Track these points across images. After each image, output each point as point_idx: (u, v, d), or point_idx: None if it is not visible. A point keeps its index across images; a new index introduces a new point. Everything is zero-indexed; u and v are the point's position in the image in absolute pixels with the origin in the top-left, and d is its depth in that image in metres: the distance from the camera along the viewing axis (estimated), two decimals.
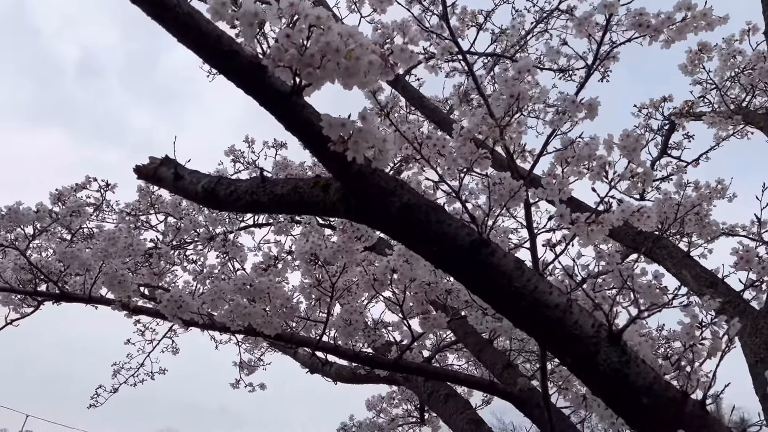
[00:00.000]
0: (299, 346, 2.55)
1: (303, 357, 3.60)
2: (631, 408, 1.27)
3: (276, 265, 2.39)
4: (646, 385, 1.26)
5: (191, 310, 2.33)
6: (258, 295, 2.15)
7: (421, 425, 4.78)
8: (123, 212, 2.60)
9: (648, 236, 2.48)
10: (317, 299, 2.28)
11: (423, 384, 2.91)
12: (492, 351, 2.59)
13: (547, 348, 1.37)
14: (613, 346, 1.29)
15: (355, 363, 2.71)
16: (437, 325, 2.10)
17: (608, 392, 1.29)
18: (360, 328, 2.28)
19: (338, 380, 3.41)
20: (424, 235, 1.35)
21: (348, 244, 2.09)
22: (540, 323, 1.32)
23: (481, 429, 2.56)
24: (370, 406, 4.75)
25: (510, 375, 2.43)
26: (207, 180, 1.56)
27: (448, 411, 2.73)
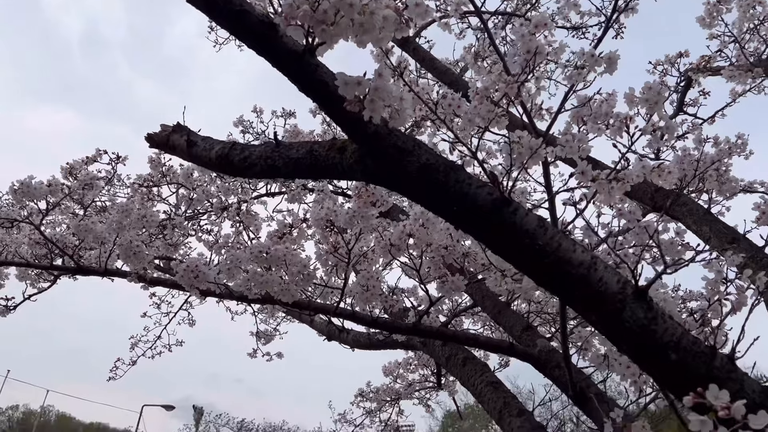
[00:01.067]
0: (317, 313, 2.55)
1: (320, 325, 3.61)
2: (659, 364, 1.25)
3: (291, 232, 2.38)
4: (674, 340, 1.24)
5: (208, 279, 2.32)
6: (274, 262, 2.14)
7: (437, 389, 4.81)
8: (135, 184, 2.58)
9: (667, 194, 2.43)
10: (334, 266, 2.27)
11: (440, 348, 2.92)
12: (510, 314, 2.58)
13: (572, 306, 1.35)
14: (639, 302, 1.26)
15: (374, 328, 2.71)
16: (455, 288, 2.09)
17: (635, 349, 1.27)
18: (377, 293, 2.27)
19: (355, 347, 3.42)
20: (443, 196, 1.33)
21: (363, 209, 2.07)
22: (564, 281, 1.30)
23: (500, 390, 2.56)
24: (386, 372, 4.79)
25: (529, 337, 2.42)
26: (220, 146, 1.54)
27: (466, 374, 2.73)
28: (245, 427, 16.39)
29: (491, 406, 2.56)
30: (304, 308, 2.41)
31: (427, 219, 2.17)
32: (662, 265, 1.39)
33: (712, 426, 1.04)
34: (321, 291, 2.45)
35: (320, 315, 3.58)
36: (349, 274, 2.24)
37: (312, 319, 3.61)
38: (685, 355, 1.24)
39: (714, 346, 1.25)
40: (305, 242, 2.68)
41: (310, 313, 2.63)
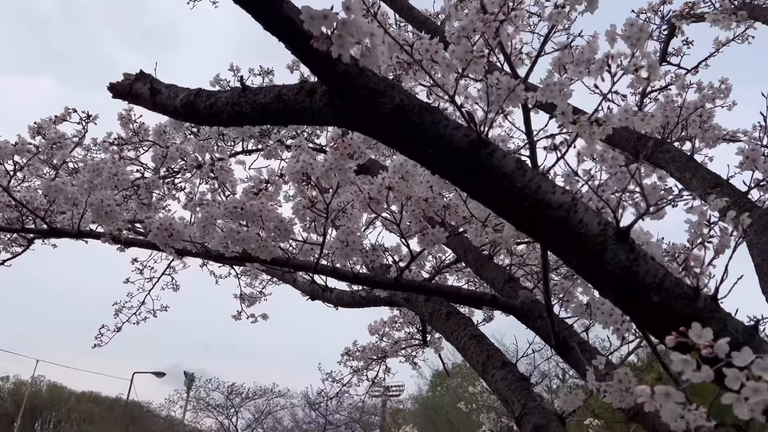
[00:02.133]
0: (297, 270, 2.51)
1: (303, 284, 3.57)
2: (641, 307, 1.22)
3: (267, 188, 2.32)
4: (656, 282, 1.21)
5: (183, 238, 2.27)
6: (250, 218, 2.09)
7: (423, 347, 4.83)
8: (105, 142, 2.50)
9: (650, 141, 2.39)
10: (312, 221, 2.22)
11: (424, 304, 2.89)
12: (493, 266, 2.56)
13: (552, 250, 1.31)
14: (621, 243, 1.23)
15: (355, 284, 2.68)
16: (435, 240, 2.05)
17: (616, 291, 1.24)
18: (357, 248, 2.23)
19: (339, 305, 3.39)
20: (418, 138, 1.27)
21: (340, 161, 2.01)
22: (544, 224, 1.26)
23: (483, 343, 2.55)
24: (372, 330, 4.79)
25: (512, 289, 2.40)
26: (185, 93, 1.46)
27: (450, 328, 2.71)
28: (235, 391, 16.52)
29: (475, 360, 2.55)
30: (283, 265, 2.36)
31: (406, 171, 2.12)
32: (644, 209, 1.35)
33: (695, 365, 1.02)
34: (300, 247, 2.40)
35: (302, 275, 3.55)
36: (328, 230, 2.19)
37: (295, 279, 3.57)
38: (667, 296, 1.21)
39: (697, 287, 1.23)
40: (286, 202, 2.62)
41: (291, 270, 2.59)
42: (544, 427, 2.20)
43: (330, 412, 12.89)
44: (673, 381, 1.95)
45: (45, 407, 39.71)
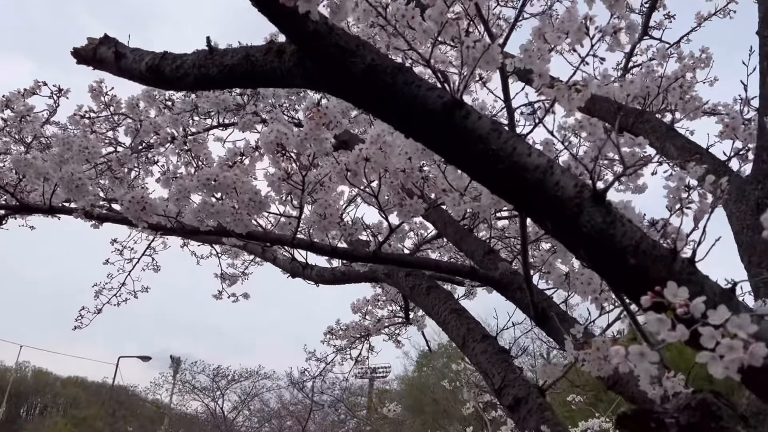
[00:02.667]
0: (274, 245, 2.47)
1: (283, 262, 3.54)
2: (618, 270, 1.20)
3: (243, 161, 2.27)
4: (633, 244, 1.19)
5: (156, 212, 2.22)
6: (224, 190, 2.05)
7: (406, 324, 4.82)
8: (76, 115, 2.43)
9: (630, 111, 2.37)
10: (288, 194, 2.18)
11: (405, 279, 2.87)
12: (472, 239, 2.53)
13: (529, 214, 1.29)
14: (597, 206, 1.20)
15: (333, 258, 2.65)
16: (414, 211, 2.02)
17: (593, 255, 1.22)
18: (335, 221, 2.19)
19: (320, 282, 3.36)
20: (390, 99, 1.23)
21: (315, 131, 1.97)
22: (519, 187, 1.23)
23: (464, 317, 2.53)
24: (355, 309, 4.77)
25: (491, 261, 2.38)
26: (150, 57, 1.41)
27: (430, 303, 2.69)
28: (221, 373, 16.50)
29: (455, 333, 2.54)
30: (259, 240, 2.32)
31: (384, 142, 2.08)
32: (622, 171, 1.33)
33: (670, 325, 1.00)
34: (277, 221, 2.36)
35: (283, 252, 3.51)
36: (305, 202, 2.16)
37: (275, 257, 3.54)
38: (644, 258, 1.19)
39: (674, 249, 1.21)
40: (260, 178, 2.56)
41: (268, 245, 2.55)
42: (524, 398, 2.20)
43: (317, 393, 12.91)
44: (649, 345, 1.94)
45: (30, 393, 39.54)
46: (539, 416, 2.12)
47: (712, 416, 1.40)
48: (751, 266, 1.82)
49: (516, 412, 2.20)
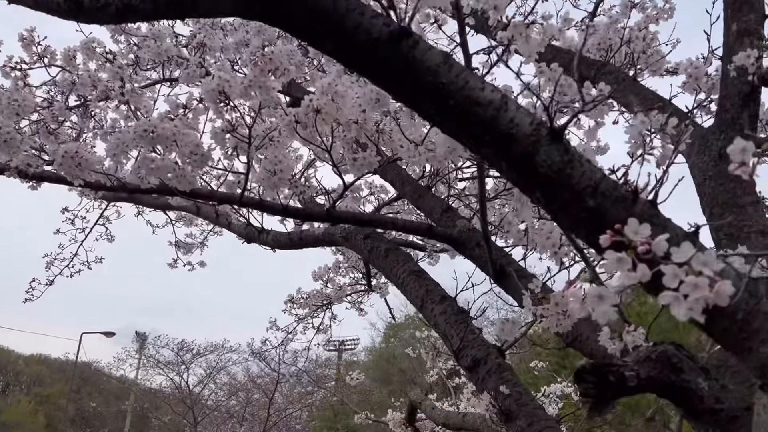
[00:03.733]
0: (221, 203, 2.35)
1: (238, 227, 3.41)
2: (576, 212, 1.12)
3: (186, 114, 2.13)
4: (592, 185, 1.11)
5: (92, 168, 2.07)
6: (164, 143, 1.91)
7: (369, 292, 4.75)
8: (6, 67, 2.25)
9: (592, 63, 2.30)
10: (234, 149, 2.05)
11: (363, 242, 2.77)
12: (430, 197, 2.44)
13: (482, 155, 1.19)
14: (555, 144, 1.11)
15: (285, 217, 2.54)
16: (367, 164, 1.91)
17: (549, 197, 1.13)
18: (286, 178, 2.08)
19: (276, 247, 3.25)
20: (332, 28, 1.12)
21: (261, 78, 1.84)
22: (472, 124, 1.13)
23: (423, 278, 2.45)
24: (316, 276, 4.67)
25: (449, 218, 2.30)
26: None
27: (389, 265, 2.61)
28: (185, 347, 16.32)
29: (413, 295, 2.46)
30: (205, 198, 2.20)
31: (335, 92, 1.97)
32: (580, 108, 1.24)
33: (631, 264, 0.92)
34: (224, 179, 2.24)
35: (238, 217, 3.38)
36: (252, 157, 2.03)
37: (229, 223, 3.41)
38: (603, 200, 1.11)
39: (636, 190, 1.13)
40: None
41: (214, 204, 2.42)
42: (482, 359, 2.13)
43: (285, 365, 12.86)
44: None
45: None
46: (498, 376, 2.06)
47: (673, 369, 1.34)
48: (713, 218, 1.77)
49: (475, 373, 2.14)
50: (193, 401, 15.47)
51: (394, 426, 4.45)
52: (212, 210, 3.49)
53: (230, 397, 17.52)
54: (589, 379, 1.26)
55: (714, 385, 1.33)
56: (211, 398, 17.54)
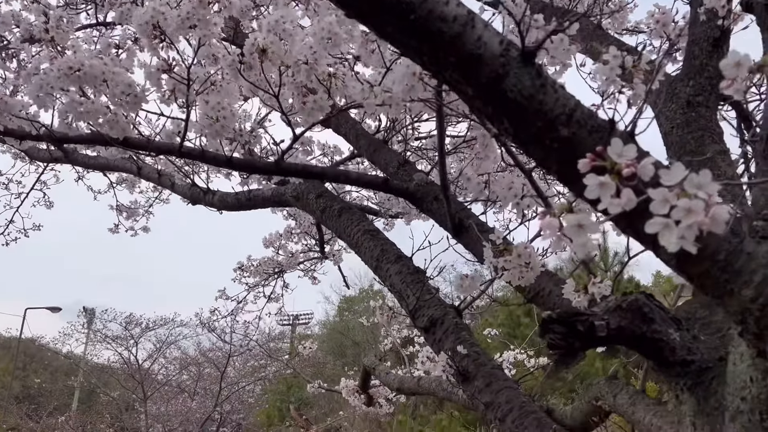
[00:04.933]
0: (158, 154, 2.17)
1: (182, 188, 3.22)
2: (548, 143, 1.01)
3: (118, 54, 1.94)
4: (566, 113, 1.00)
5: (13, 112, 1.88)
6: (92, 82, 1.72)
7: (322, 259, 4.62)
8: None
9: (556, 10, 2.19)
10: (172, 91, 1.88)
11: (315, 201, 2.63)
12: (386, 151, 2.32)
13: (446, 81, 1.07)
14: (526, 67, 1.00)
15: (229, 168, 2.37)
16: (318, 108, 1.77)
17: (519, 125, 1.02)
18: (230, 126, 1.92)
19: (223, 208, 3.08)
20: None
21: (198, 10, 1.67)
22: (435, 43, 1.01)
23: (378, 237, 2.34)
24: (267, 243, 4.51)
25: (406, 172, 2.18)
26: None
27: (342, 225, 2.48)
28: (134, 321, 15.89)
29: (368, 255, 2.34)
30: (141, 148, 2.02)
31: (283, 30, 1.81)
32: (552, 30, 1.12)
33: (614, 190, 0.82)
34: (162, 127, 2.06)
35: (181, 177, 3.19)
36: (193, 101, 1.87)
37: (173, 183, 3.21)
38: (578, 129, 1.00)
39: (612, 120, 1.02)
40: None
41: (152, 155, 2.25)
42: (439, 319, 2.04)
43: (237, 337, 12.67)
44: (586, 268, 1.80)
45: None
46: (456, 336, 1.97)
47: (643, 319, 1.26)
48: None
49: (431, 334, 2.04)
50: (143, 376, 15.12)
51: (347, 394, 4.37)
52: (154, 170, 3.29)
53: (181, 372, 17.22)
54: (556, 329, 1.16)
55: (686, 336, 1.26)
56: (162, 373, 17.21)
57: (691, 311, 1.45)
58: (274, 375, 17.77)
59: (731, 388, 1.12)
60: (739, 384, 1.09)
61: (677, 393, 1.24)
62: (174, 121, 2.10)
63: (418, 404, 14.19)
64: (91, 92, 1.83)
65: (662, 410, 1.48)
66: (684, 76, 1.78)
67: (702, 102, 1.71)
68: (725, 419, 1.13)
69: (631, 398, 1.56)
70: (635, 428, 1.55)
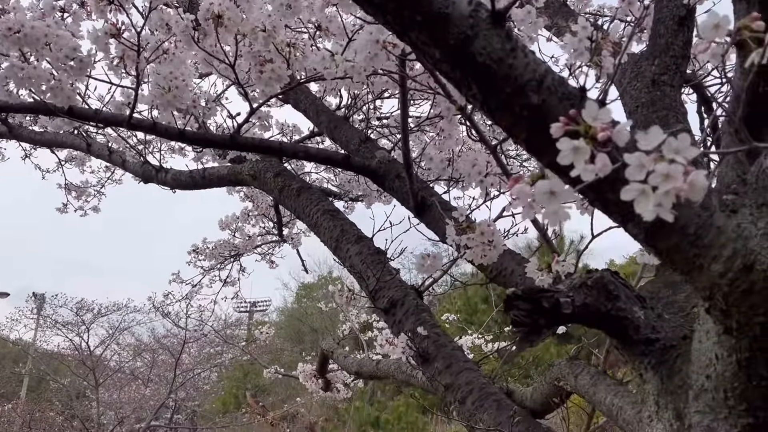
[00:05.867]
0: (106, 126, 2.07)
1: (134, 166, 3.10)
2: (517, 110, 0.96)
3: (63, 18, 1.83)
4: (536, 79, 0.95)
5: None
6: (33, 45, 1.61)
7: (280, 242, 4.54)
8: None
9: None
10: (121, 58, 1.78)
11: (273, 180, 2.55)
12: (347, 128, 2.25)
13: (411, 43, 1.01)
14: (496, 29, 0.95)
15: (181, 142, 2.28)
16: (276, 78, 1.70)
17: (487, 91, 0.97)
18: (183, 97, 1.83)
19: (177, 187, 2.97)
20: None
21: None
22: (399, 3, 0.95)
23: (338, 218, 2.28)
24: (223, 225, 4.40)
25: (368, 149, 2.12)
26: None
27: (301, 205, 2.41)
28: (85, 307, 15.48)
29: (328, 236, 2.28)
30: (89, 119, 1.91)
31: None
32: None
33: (589, 154, 0.78)
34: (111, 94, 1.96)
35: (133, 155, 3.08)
36: (143, 69, 1.77)
37: (124, 160, 3.09)
38: (549, 96, 0.96)
39: (583, 87, 0.98)
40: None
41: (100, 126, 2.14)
42: (400, 300, 2.00)
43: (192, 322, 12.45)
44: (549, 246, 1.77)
45: None
46: (416, 318, 1.93)
47: (608, 296, 1.23)
48: None
49: (391, 315, 2.00)
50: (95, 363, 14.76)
51: (304, 379, 4.31)
52: (104, 147, 3.16)
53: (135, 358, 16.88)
54: (521, 306, 1.13)
55: (650, 314, 1.24)
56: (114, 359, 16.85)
57: (654, 291, 1.44)
58: (230, 362, 17.58)
59: (696, 366, 1.10)
60: (704, 362, 1.07)
61: (641, 372, 1.22)
62: (124, 91, 2.00)
63: (375, 390, 14.22)
64: (34, 58, 1.72)
65: (623, 391, 1.47)
66: (649, 55, 1.76)
67: (667, 81, 1.70)
68: (689, 397, 1.11)
69: (592, 379, 1.55)
70: (596, 409, 1.54)
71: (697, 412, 1.08)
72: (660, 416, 1.16)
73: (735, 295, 0.93)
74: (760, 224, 0.92)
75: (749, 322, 0.95)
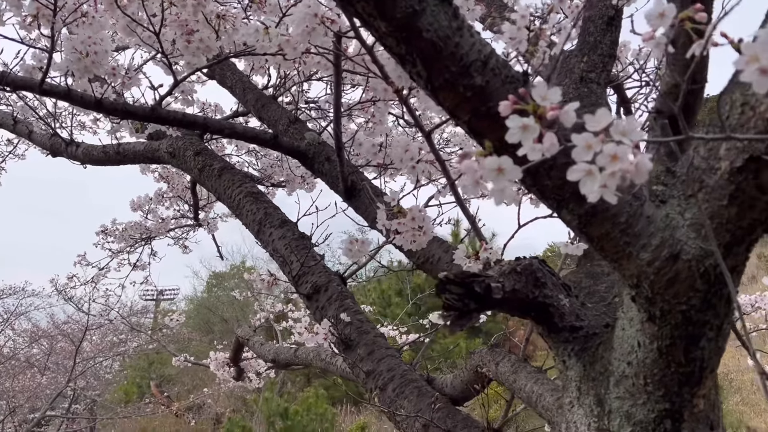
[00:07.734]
0: (16, 89, 1.91)
1: (41, 137, 2.90)
2: (461, 90, 0.95)
3: None
4: (481, 60, 0.95)
5: None
6: None
7: (196, 227, 4.39)
8: None
9: None
10: (35, 17, 1.65)
11: (193, 158, 2.45)
12: (276, 107, 2.19)
13: (355, 12, 0.98)
14: (443, 5, 0.93)
15: (98, 112, 2.15)
16: (204, 49, 1.62)
17: (432, 68, 0.95)
18: (102, 63, 1.72)
19: (88, 162, 2.80)
20: None
21: None
22: None
23: (261, 201, 2.21)
24: (135, 207, 4.21)
25: (297, 131, 2.07)
26: None
27: (223, 186, 2.32)
28: None
29: (250, 219, 2.21)
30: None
31: None
32: None
33: (537, 133, 0.77)
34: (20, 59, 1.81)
35: (42, 126, 2.88)
36: (59, 30, 1.65)
37: (30, 131, 2.89)
38: (493, 78, 0.95)
39: (526, 72, 0.98)
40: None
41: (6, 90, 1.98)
42: (323, 286, 1.96)
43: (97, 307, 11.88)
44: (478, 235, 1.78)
45: None
46: (340, 304, 1.90)
47: (536, 283, 1.25)
48: None
49: (314, 301, 1.96)
50: None
51: (216, 367, 4.19)
52: (9, 116, 2.94)
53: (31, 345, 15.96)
54: (453, 290, 1.12)
55: (575, 302, 1.26)
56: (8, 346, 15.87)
57: (577, 281, 1.48)
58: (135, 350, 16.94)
59: (617, 353, 1.13)
60: (626, 349, 1.10)
61: (564, 359, 1.25)
62: (35, 54, 1.86)
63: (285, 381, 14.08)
64: None
65: (543, 378, 1.50)
66: (578, 52, 1.80)
67: (594, 78, 1.74)
68: (610, 384, 1.14)
69: (513, 366, 1.57)
70: (516, 396, 1.56)
71: (618, 397, 1.11)
72: (581, 402, 1.19)
73: (661, 283, 0.96)
74: (687, 215, 0.95)
75: (672, 310, 0.98)
